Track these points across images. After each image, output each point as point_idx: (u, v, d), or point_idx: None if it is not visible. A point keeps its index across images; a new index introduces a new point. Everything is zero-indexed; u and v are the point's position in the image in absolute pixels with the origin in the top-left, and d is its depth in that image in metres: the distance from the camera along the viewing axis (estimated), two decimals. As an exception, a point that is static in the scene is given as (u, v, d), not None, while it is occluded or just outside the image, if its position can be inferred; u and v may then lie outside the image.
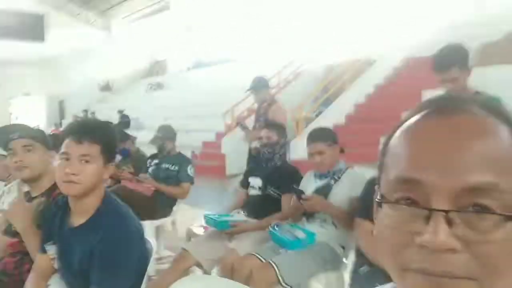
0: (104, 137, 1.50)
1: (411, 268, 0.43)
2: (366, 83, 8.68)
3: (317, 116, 8.01)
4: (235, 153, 7.80)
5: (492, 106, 0.47)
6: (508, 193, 0.42)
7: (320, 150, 2.37)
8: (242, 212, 2.80)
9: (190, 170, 3.61)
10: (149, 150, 4.07)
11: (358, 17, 10.56)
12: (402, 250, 0.44)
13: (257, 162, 3.11)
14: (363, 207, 2.16)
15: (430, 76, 2.41)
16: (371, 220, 1.99)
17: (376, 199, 0.48)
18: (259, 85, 4.29)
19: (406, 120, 0.50)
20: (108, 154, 1.50)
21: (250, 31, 13.98)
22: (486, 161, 0.42)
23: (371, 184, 2.18)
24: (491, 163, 0.42)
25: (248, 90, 4.39)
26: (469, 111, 0.45)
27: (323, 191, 2.39)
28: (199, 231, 3.20)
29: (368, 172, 2.41)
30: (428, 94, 2.41)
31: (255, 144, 3.58)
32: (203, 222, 3.36)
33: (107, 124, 1.58)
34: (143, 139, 5.28)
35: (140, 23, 17.87)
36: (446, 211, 0.41)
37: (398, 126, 0.50)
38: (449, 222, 0.41)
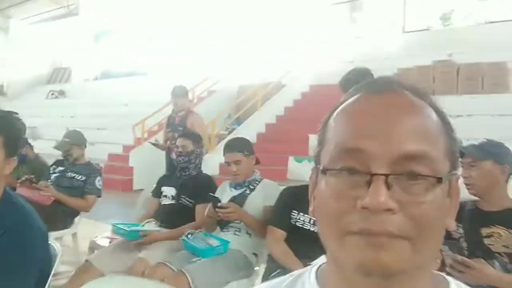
0: (8, 128, 1.37)
1: (352, 231, 0.47)
2: (277, 105, 9.04)
3: (229, 133, 8.11)
4: (144, 166, 7.55)
5: (418, 91, 0.54)
6: (436, 161, 0.48)
7: (237, 160, 2.41)
8: (153, 222, 2.71)
9: (98, 182, 3.40)
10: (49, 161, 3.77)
11: (270, 44, 11.05)
12: (344, 215, 0.47)
13: (172, 171, 3.06)
14: (276, 215, 2.24)
15: (330, 101, 2.61)
16: (283, 228, 2.08)
17: (320, 170, 0.52)
18: (179, 92, 4.32)
19: (344, 101, 0.55)
20: (12, 147, 1.37)
21: (163, 45, 13.79)
22: (418, 133, 0.48)
23: (285, 195, 2.28)
24: (422, 134, 0.48)
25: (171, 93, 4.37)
26: (401, 91, 0.52)
27: (238, 201, 2.42)
28: (104, 242, 3.01)
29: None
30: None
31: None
32: (108, 234, 3.18)
33: (12, 114, 1.43)
34: (40, 150, 4.86)
35: (43, 27, 16.61)
36: (386, 175, 0.46)
37: (337, 106, 0.55)
38: (388, 186, 0.46)
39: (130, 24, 14.23)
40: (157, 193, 2.89)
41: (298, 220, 2.14)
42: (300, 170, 6.21)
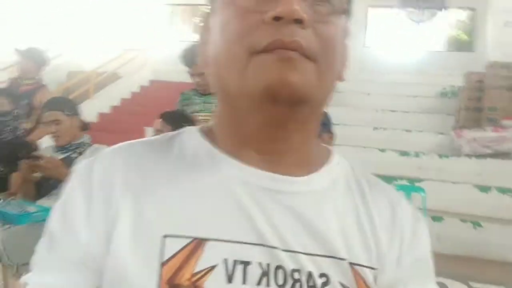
0: None
1: (261, 47, 0.45)
2: (113, 95, 8.61)
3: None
4: None
5: None
6: None
7: (57, 119, 2.21)
8: None
9: None
10: None
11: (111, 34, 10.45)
12: (251, 32, 0.45)
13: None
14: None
15: (170, 97, 2.61)
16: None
17: None
18: (28, 55, 3.47)
19: None
20: None
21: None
22: None
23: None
24: None
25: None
26: None
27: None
28: None
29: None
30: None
31: None
32: None
33: None
34: None
35: None
36: None
37: None
38: None
39: None
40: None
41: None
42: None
